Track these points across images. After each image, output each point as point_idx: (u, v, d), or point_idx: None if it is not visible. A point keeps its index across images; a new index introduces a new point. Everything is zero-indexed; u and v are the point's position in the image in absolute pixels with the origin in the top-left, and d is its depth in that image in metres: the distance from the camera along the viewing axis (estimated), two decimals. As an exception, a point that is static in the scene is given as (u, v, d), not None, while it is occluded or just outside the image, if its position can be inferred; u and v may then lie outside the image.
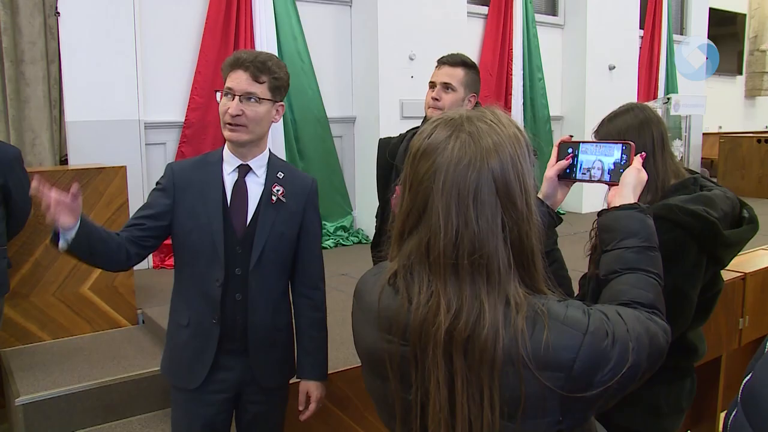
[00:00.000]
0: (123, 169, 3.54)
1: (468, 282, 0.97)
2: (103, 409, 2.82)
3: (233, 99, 1.79)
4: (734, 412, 0.98)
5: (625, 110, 1.82)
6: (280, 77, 1.85)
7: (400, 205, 1.04)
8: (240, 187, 1.87)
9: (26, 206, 3.05)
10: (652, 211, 1.71)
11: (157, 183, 1.90)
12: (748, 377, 0.97)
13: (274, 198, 1.88)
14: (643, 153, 1.41)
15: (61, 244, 1.64)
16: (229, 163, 1.88)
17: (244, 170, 1.88)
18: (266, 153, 1.92)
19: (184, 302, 1.91)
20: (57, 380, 2.87)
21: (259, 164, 1.89)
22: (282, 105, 1.90)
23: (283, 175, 1.92)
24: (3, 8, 3.97)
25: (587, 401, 0.98)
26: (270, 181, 1.90)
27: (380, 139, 2.68)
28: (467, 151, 0.97)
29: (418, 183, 0.99)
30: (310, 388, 2.01)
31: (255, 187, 1.89)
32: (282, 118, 5.18)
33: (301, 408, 2.03)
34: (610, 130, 1.80)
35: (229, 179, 1.87)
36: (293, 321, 2.02)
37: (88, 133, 4.30)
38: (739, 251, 1.81)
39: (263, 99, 1.82)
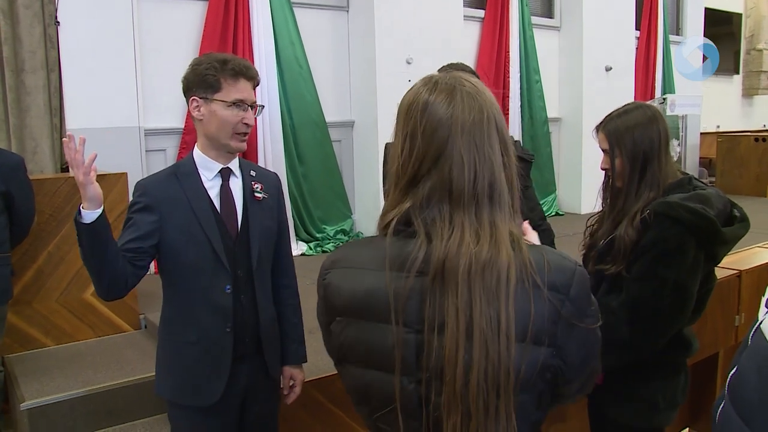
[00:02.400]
0: (124, 176, 3.57)
1: (486, 212, 1.06)
2: (107, 414, 2.84)
3: (246, 110, 1.84)
4: (722, 404, 1.01)
5: (634, 107, 1.90)
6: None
7: (404, 156, 1.10)
8: (226, 190, 1.90)
9: (29, 214, 3.08)
10: (653, 208, 1.76)
11: (136, 202, 1.84)
12: (734, 370, 1.00)
13: (259, 195, 1.93)
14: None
15: (87, 216, 1.62)
16: (209, 170, 1.89)
17: (227, 173, 1.91)
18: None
19: (189, 319, 1.86)
20: (61, 385, 2.89)
21: (235, 165, 1.94)
22: None
23: (255, 172, 1.98)
24: (3, 18, 4.00)
25: (578, 338, 1.07)
26: (246, 179, 1.94)
27: (386, 144, 2.73)
28: (477, 101, 1.09)
29: (433, 131, 1.07)
30: (294, 373, 2.08)
31: (236, 188, 1.93)
32: (281, 123, 5.27)
33: (285, 392, 2.08)
34: (619, 125, 1.87)
35: (211, 185, 1.89)
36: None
37: (88, 141, 4.25)
38: (731, 249, 1.86)
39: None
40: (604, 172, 1.96)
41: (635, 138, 1.83)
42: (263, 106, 1.85)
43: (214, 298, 1.85)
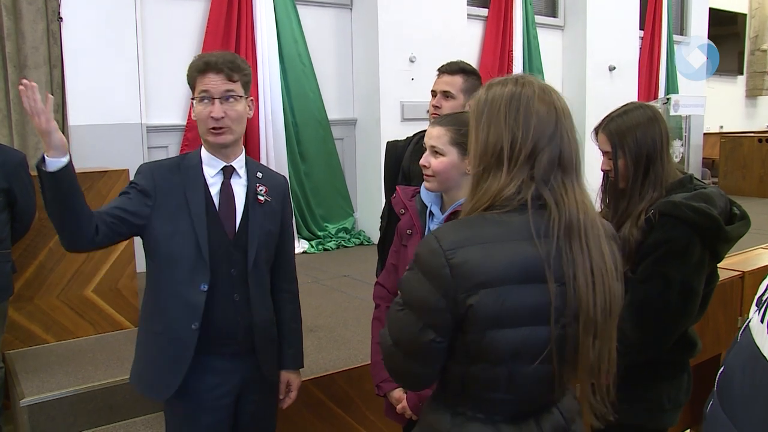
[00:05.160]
0: (125, 172, 3.56)
1: (580, 177, 1.32)
2: (108, 410, 2.83)
3: (213, 102, 1.80)
4: (710, 403, 1.02)
5: (635, 107, 1.88)
6: (248, 73, 1.88)
7: (520, 137, 1.28)
8: (227, 188, 1.88)
9: (31, 210, 3.07)
10: (658, 208, 1.75)
11: (137, 183, 1.82)
12: (722, 368, 1.02)
13: (261, 198, 1.91)
14: None
15: (51, 164, 1.59)
16: (212, 166, 1.87)
17: (229, 172, 1.89)
18: (243, 153, 1.95)
19: (160, 309, 1.84)
20: (61, 382, 2.89)
21: (240, 165, 1.91)
22: (252, 100, 1.93)
23: (261, 174, 1.95)
24: (6, 14, 4.01)
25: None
26: (252, 181, 1.92)
27: (388, 142, 2.72)
28: (559, 93, 1.36)
29: (546, 115, 1.30)
30: (291, 377, 2.06)
31: (239, 188, 1.90)
32: (283, 121, 5.27)
33: (281, 397, 2.07)
34: (620, 125, 1.85)
35: (213, 182, 1.87)
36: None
37: (90, 137, 4.34)
38: (732, 246, 1.85)
39: (240, 96, 1.84)
40: (603, 173, 1.95)
41: (638, 138, 1.82)
42: (230, 96, 1.80)
43: (187, 293, 1.81)
